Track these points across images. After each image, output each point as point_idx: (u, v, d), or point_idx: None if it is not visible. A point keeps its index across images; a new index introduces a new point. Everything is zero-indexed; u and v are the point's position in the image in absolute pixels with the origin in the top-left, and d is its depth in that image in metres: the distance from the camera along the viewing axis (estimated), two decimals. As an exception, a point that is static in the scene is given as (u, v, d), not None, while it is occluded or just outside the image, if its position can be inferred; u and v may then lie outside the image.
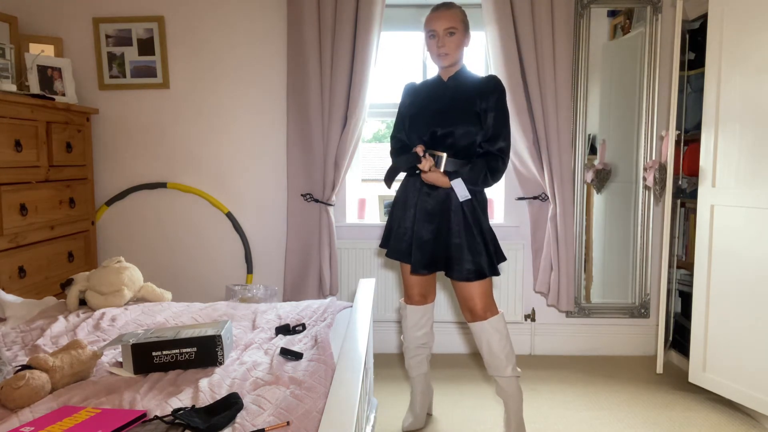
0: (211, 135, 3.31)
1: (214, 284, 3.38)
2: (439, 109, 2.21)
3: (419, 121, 2.23)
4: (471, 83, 2.22)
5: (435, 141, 2.19)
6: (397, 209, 2.33)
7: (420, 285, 2.38)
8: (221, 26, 3.23)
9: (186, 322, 2.06)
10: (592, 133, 3.30)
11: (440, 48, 2.15)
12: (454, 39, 2.15)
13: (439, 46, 2.15)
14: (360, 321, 1.76)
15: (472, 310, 2.23)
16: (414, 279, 2.37)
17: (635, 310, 3.33)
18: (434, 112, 2.21)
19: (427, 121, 2.20)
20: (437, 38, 2.15)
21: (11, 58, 2.85)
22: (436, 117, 2.19)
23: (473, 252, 2.16)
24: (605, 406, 2.67)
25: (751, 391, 2.46)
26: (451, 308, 3.30)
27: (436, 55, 2.18)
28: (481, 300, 2.21)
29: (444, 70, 2.25)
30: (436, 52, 2.17)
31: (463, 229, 2.17)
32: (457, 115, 2.17)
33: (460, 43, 2.18)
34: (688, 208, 3.18)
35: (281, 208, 3.32)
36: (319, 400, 1.36)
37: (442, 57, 2.17)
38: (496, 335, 2.21)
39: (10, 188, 2.51)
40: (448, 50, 2.16)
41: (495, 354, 2.22)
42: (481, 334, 2.22)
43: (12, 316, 2.11)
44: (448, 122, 2.17)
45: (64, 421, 1.24)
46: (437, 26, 2.14)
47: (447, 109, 2.20)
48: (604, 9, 3.26)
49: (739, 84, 2.48)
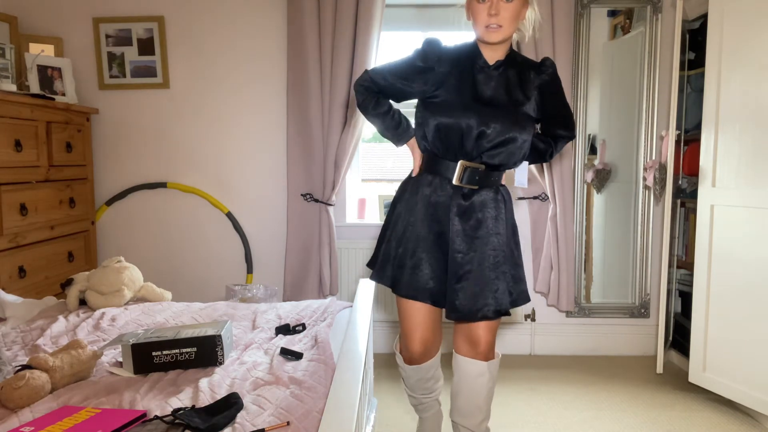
0: (211, 135, 3.31)
1: (214, 284, 3.38)
2: (489, 104, 1.69)
3: (457, 106, 1.68)
4: (525, 73, 1.74)
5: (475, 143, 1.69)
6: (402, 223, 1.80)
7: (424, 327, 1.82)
8: (221, 26, 3.23)
9: (186, 322, 2.05)
10: (592, 133, 3.30)
11: (491, 17, 1.59)
12: (511, 6, 1.60)
13: (491, 14, 1.59)
14: (360, 321, 1.76)
15: (474, 342, 1.79)
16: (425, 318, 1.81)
17: (635, 310, 3.33)
18: (481, 101, 1.69)
19: (471, 110, 1.67)
20: (490, 3, 1.59)
21: (11, 58, 2.85)
22: (487, 110, 1.67)
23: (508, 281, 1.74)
24: (605, 406, 2.67)
25: (751, 391, 2.45)
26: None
27: (484, 25, 1.62)
28: (488, 333, 1.77)
29: (488, 48, 1.70)
30: (486, 22, 1.61)
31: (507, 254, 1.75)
32: (516, 120, 1.69)
33: (518, 14, 1.63)
34: (688, 208, 3.18)
35: (281, 208, 3.32)
36: (319, 400, 1.35)
37: (492, 31, 1.61)
38: (489, 383, 1.80)
39: (10, 188, 2.51)
40: (502, 20, 1.60)
41: (477, 403, 1.80)
42: (474, 376, 1.78)
43: (12, 316, 2.11)
44: (504, 122, 1.67)
45: (64, 421, 1.24)
46: None
47: (501, 108, 1.70)
48: (604, 9, 3.26)
49: (739, 84, 2.48)
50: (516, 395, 2.78)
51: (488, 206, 1.75)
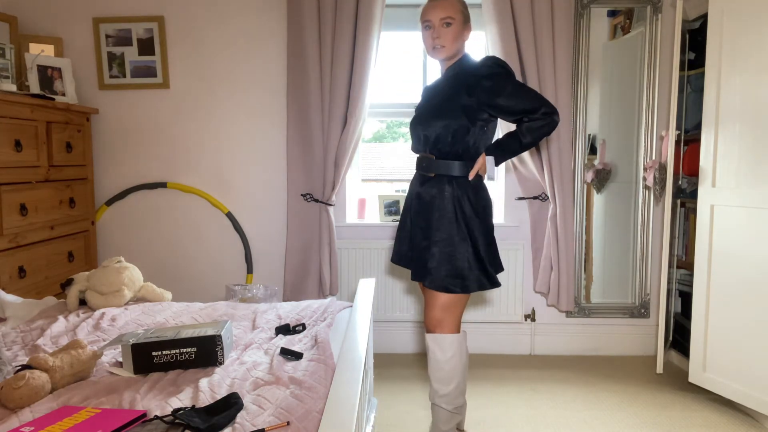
0: (211, 135, 3.31)
1: (214, 284, 3.38)
2: (425, 108, 2.11)
3: (415, 114, 2.14)
4: (463, 73, 2.03)
5: (426, 144, 2.07)
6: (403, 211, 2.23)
7: None
8: (221, 26, 3.23)
9: (186, 322, 2.06)
10: (592, 133, 3.30)
11: (435, 39, 1.98)
12: (450, 30, 1.98)
13: (434, 37, 1.98)
14: (360, 321, 1.76)
15: (425, 316, 2.10)
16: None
17: (635, 310, 3.33)
18: (420, 112, 2.12)
19: (414, 123, 2.11)
20: (432, 29, 1.99)
21: (11, 58, 2.85)
22: (420, 118, 2.09)
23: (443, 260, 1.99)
24: (605, 406, 2.67)
25: (751, 391, 2.46)
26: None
27: (431, 47, 2.02)
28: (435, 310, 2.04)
29: (443, 64, 2.10)
30: (431, 44, 2.01)
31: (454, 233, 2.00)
32: (435, 112, 2.04)
33: (458, 35, 2.00)
34: (688, 208, 3.18)
35: (281, 208, 3.32)
36: (319, 400, 1.35)
37: (438, 50, 2.01)
38: (437, 352, 2.04)
39: (10, 188, 2.51)
40: (444, 42, 1.98)
41: (430, 372, 2.08)
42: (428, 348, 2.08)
43: (12, 316, 2.11)
44: (426, 122, 2.05)
45: (64, 421, 1.24)
46: (432, 16, 1.98)
47: (429, 107, 2.08)
48: (604, 9, 3.26)
49: (739, 84, 2.48)
50: (516, 395, 2.78)
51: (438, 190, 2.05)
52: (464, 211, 2.01)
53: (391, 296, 3.32)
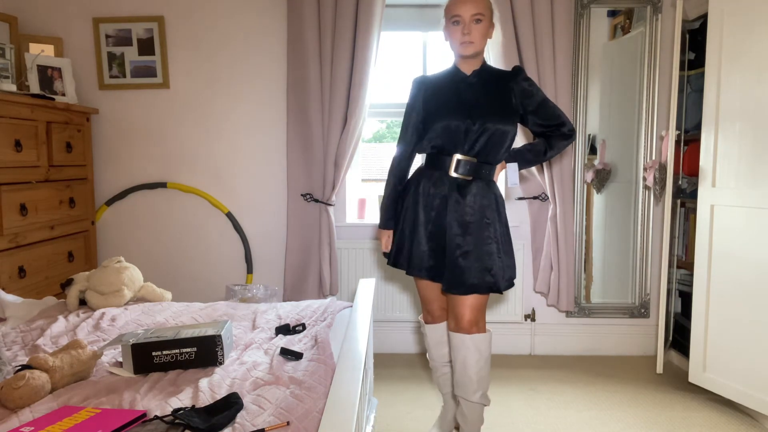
0: (211, 135, 3.31)
1: (214, 284, 3.38)
2: (471, 102, 1.99)
3: (446, 113, 1.99)
4: (500, 78, 2.05)
5: (465, 137, 1.98)
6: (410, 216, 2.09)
7: (441, 299, 2.21)
8: (221, 26, 3.23)
9: (186, 322, 2.06)
10: (592, 133, 3.30)
11: (465, 36, 1.94)
12: (480, 27, 1.96)
13: (464, 33, 1.94)
14: (360, 321, 1.76)
15: (457, 318, 2.04)
16: (434, 293, 2.19)
17: (635, 310, 3.33)
18: (464, 105, 1.99)
19: (457, 113, 1.98)
20: (463, 24, 1.95)
21: (11, 58, 2.85)
22: (469, 110, 1.98)
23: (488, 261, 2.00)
24: (605, 406, 2.67)
25: (751, 391, 2.46)
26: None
27: (459, 43, 1.97)
28: (470, 311, 2.02)
29: (465, 61, 2.04)
30: (460, 40, 1.96)
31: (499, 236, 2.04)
32: (496, 111, 1.99)
33: (486, 33, 1.99)
34: (688, 208, 3.18)
35: (281, 208, 3.32)
36: (319, 400, 1.36)
37: (467, 45, 1.96)
38: (475, 354, 2.02)
39: (10, 188, 2.51)
40: (474, 38, 1.95)
41: (468, 374, 2.03)
42: (460, 348, 2.03)
43: (12, 316, 2.11)
44: (486, 117, 1.96)
45: (64, 421, 1.24)
46: (463, 11, 1.93)
47: (481, 104, 1.99)
48: (604, 9, 3.26)
49: (739, 84, 2.48)
50: (516, 395, 2.78)
51: (482, 196, 2.03)
52: (504, 215, 2.11)
53: (391, 296, 3.32)
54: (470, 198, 2.01)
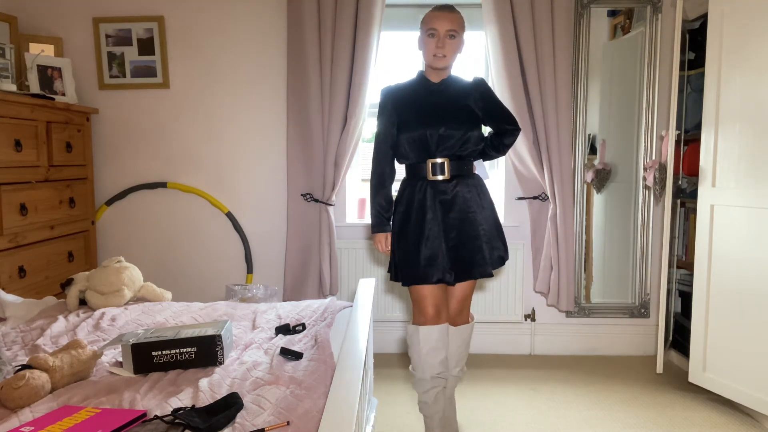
0: (211, 135, 3.31)
1: (214, 284, 3.38)
2: (438, 110, 2.15)
3: (416, 121, 2.14)
4: (463, 87, 2.21)
5: (437, 142, 2.12)
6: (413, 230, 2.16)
7: (435, 295, 2.16)
8: (221, 26, 3.23)
9: (186, 321, 2.06)
10: (592, 133, 3.30)
11: (439, 48, 2.09)
12: (453, 42, 2.11)
13: (438, 46, 2.09)
14: (360, 321, 1.76)
15: (451, 310, 2.24)
16: (428, 289, 2.16)
17: (635, 310, 3.33)
18: (433, 112, 2.15)
19: (427, 121, 2.12)
20: (437, 38, 2.09)
21: (11, 58, 2.85)
22: (438, 117, 2.13)
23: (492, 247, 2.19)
24: (605, 406, 2.67)
25: (751, 391, 2.46)
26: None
27: (432, 54, 2.11)
28: (456, 302, 2.24)
29: (434, 72, 2.19)
30: (434, 52, 2.10)
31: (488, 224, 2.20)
32: (460, 116, 2.15)
33: (457, 48, 2.14)
34: (688, 208, 3.18)
35: (281, 208, 3.32)
36: (319, 399, 1.35)
37: (439, 58, 2.11)
38: (457, 340, 2.24)
39: (10, 188, 2.51)
40: (446, 52, 2.10)
41: (457, 357, 2.26)
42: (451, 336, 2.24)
43: (12, 316, 2.11)
44: (451, 123, 2.12)
45: (64, 421, 1.24)
46: (439, 26, 2.08)
47: (448, 111, 2.15)
48: (604, 9, 3.26)
49: (739, 84, 2.48)
50: (516, 395, 2.78)
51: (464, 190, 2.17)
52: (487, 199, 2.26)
53: (391, 296, 3.32)
54: (454, 194, 2.16)
